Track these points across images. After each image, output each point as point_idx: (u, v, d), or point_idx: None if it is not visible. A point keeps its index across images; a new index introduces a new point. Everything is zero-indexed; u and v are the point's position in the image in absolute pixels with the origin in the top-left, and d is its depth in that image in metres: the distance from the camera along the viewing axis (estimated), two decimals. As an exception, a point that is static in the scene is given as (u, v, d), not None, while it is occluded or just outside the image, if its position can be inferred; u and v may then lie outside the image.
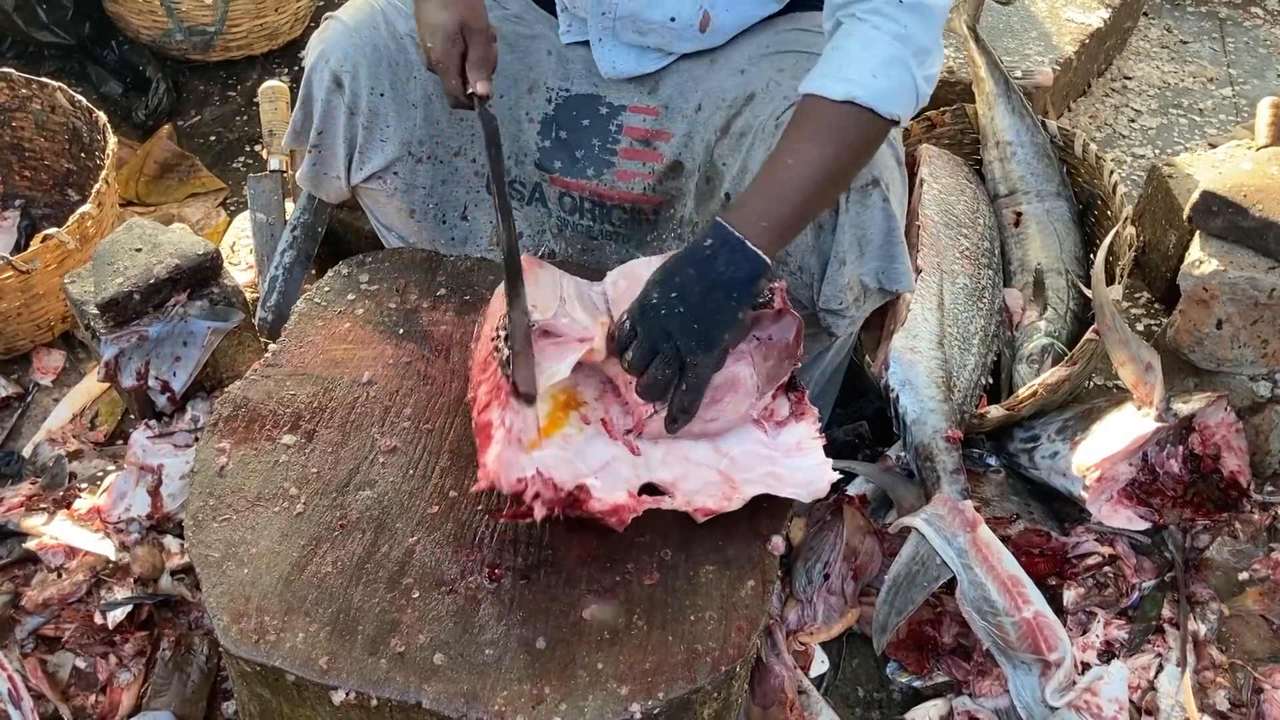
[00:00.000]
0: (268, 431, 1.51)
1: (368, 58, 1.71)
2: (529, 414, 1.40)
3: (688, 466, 1.44)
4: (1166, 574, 1.77)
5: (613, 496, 1.35)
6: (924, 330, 1.89)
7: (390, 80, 1.73)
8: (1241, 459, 1.85)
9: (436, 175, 1.81)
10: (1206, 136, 2.80)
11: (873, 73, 1.43)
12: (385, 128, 1.75)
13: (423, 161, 1.79)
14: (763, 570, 1.38)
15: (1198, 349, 1.95)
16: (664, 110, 1.76)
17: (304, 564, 1.36)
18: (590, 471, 1.39)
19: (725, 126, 1.71)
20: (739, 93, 1.71)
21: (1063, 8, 2.85)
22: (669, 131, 1.76)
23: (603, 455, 1.42)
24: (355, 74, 1.71)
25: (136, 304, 1.76)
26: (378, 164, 1.78)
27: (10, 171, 2.44)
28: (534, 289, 1.50)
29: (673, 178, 1.78)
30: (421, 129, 1.77)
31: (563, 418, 1.45)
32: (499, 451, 1.33)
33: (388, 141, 1.76)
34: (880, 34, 1.44)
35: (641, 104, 1.77)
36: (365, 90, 1.72)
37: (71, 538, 1.72)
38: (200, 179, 2.61)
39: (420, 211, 1.83)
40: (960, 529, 1.63)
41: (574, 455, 1.40)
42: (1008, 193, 2.25)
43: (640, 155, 1.78)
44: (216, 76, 2.92)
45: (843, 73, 1.43)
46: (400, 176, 1.79)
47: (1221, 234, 1.91)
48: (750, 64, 1.72)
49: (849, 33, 1.47)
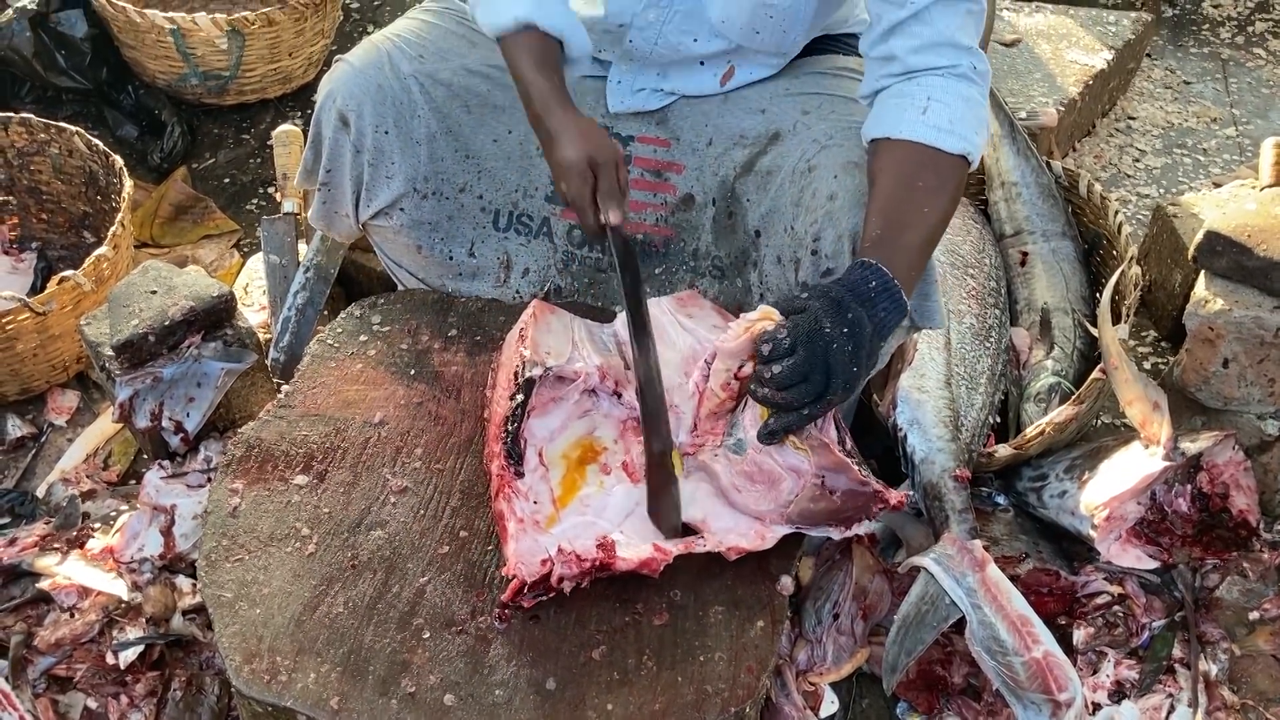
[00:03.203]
0: (280, 472, 1.52)
1: (372, 97, 1.75)
2: (543, 490, 1.41)
3: (715, 503, 1.45)
4: (1176, 613, 1.77)
5: (640, 550, 1.35)
6: (931, 370, 1.90)
7: (394, 118, 1.76)
8: (1250, 497, 1.85)
9: (442, 211, 1.84)
10: (1211, 176, 2.82)
11: (976, 130, 1.54)
12: (390, 164, 1.79)
13: (428, 198, 1.82)
14: (772, 610, 1.39)
15: (1204, 388, 1.95)
16: (675, 142, 1.81)
17: (315, 604, 1.37)
18: (614, 525, 1.39)
19: (749, 164, 1.76)
20: (761, 131, 1.76)
21: (1066, 49, 2.88)
22: (680, 164, 1.80)
23: (626, 504, 1.43)
24: (360, 113, 1.75)
25: (151, 346, 1.78)
26: (384, 200, 1.81)
27: (28, 214, 2.48)
28: (545, 335, 1.51)
29: (684, 210, 1.81)
30: (426, 166, 1.80)
31: (578, 478, 1.45)
32: (515, 546, 1.34)
33: (393, 178, 1.80)
34: (976, 94, 1.55)
35: (651, 134, 1.82)
36: (370, 128, 1.76)
37: (84, 578, 1.73)
38: (214, 221, 2.64)
39: (427, 247, 1.86)
40: (969, 568, 1.63)
41: (594, 515, 1.41)
42: (1013, 233, 2.27)
43: (651, 186, 1.82)
44: (231, 120, 2.96)
45: (956, 128, 1.52)
46: (406, 213, 1.82)
47: (1226, 274, 1.92)
48: (771, 104, 1.78)
49: (947, 89, 1.54)
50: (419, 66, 1.78)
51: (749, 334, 1.35)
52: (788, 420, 1.36)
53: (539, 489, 1.42)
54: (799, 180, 1.68)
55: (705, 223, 1.80)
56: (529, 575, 1.31)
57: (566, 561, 1.32)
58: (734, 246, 1.78)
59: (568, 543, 1.34)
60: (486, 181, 1.83)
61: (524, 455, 1.43)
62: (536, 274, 1.88)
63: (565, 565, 1.32)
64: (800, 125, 1.73)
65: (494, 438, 1.46)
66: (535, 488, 1.41)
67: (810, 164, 1.67)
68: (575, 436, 1.49)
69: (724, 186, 1.78)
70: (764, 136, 1.76)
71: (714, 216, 1.79)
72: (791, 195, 1.69)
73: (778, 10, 1.64)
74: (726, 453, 1.44)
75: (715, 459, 1.45)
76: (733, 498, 1.44)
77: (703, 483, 1.47)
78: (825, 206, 1.62)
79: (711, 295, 1.80)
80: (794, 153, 1.71)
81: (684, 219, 1.82)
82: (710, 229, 1.80)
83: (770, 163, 1.74)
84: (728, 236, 1.79)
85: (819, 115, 1.73)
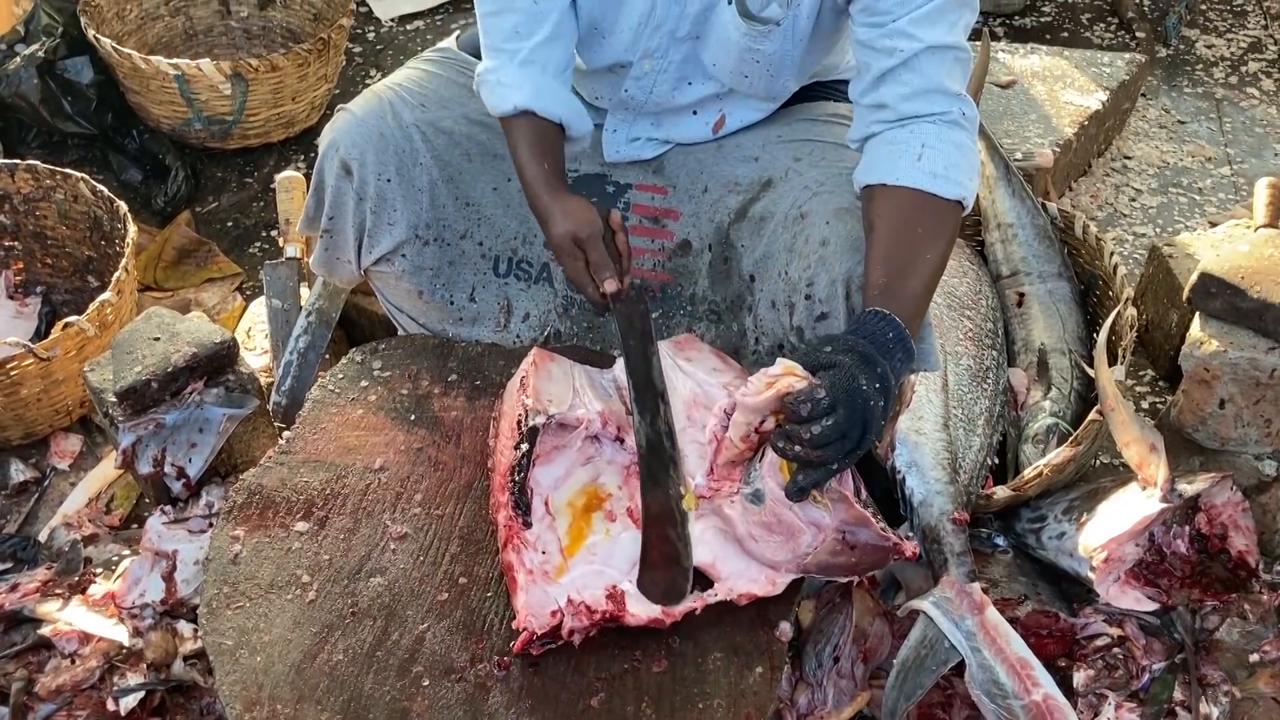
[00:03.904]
0: (281, 519, 1.53)
1: (374, 145, 1.77)
2: (550, 539, 1.42)
3: (724, 545, 1.45)
4: (1177, 655, 1.77)
5: (649, 607, 1.36)
6: (929, 412, 1.91)
7: (396, 166, 1.79)
8: (1249, 538, 1.85)
9: (443, 257, 1.86)
10: (1206, 215, 2.84)
11: (969, 175, 1.57)
12: (393, 211, 1.81)
13: (429, 244, 1.84)
14: (770, 656, 1.39)
15: (1201, 428, 1.96)
16: (671, 189, 1.84)
17: (316, 652, 1.37)
18: (623, 573, 1.40)
19: (742, 210, 1.79)
20: (755, 178, 1.79)
21: (1061, 90, 2.91)
22: (677, 210, 1.83)
23: (633, 551, 1.43)
24: (363, 161, 1.77)
25: (154, 392, 1.79)
26: (386, 247, 1.83)
27: (33, 259, 2.50)
28: (547, 383, 1.53)
29: (681, 255, 1.83)
30: (428, 213, 1.82)
31: (585, 526, 1.45)
32: (525, 598, 1.35)
33: (395, 225, 1.82)
34: (966, 140, 1.58)
35: (648, 182, 1.84)
36: (373, 176, 1.78)
37: (86, 624, 1.73)
38: (217, 264, 2.67)
39: (428, 292, 1.87)
40: (968, 612, 1.63)
41: (602, 563, 1.41)
42: (1010, 274, 2.29)
43: (650, 232, 1.84)
44: (234, 163, 2.99)
45: (951, 174, 1.55)
46: (408, 259, 1.84)
47: (1221, 315, 1.93)
48: (763, 151, 1.81)
49: (939, 135, 1.56)
50: (421, 115, 1.81)
51: (774, 391, 1.34)
52: (817, 477, 1.35)
53: (546, 538, 1.42)
54: (791, 226, 1.71)
55: (702, 267, 1.83)
56: (539, 627, 1.32)
57: (577, 613, 1.33)
58: (729, 291, 1.80)
59: (576, 593, 1.35)
60: (487, 228, 1.86)
61: (531, 505, 1.44)
62: (537, 319, 1.90)
63: (575, 616, 1.33)
64: (792, 172, 1.76)
65: (500, 488, 1.47)
66: (543, 537, 1.42)
67: (802, 210, 1.70)
68: (580, 484, 1.50)
69: (719, 232, 1.80)
70: (757, 183, 1.78)
71: (710, 261, 1.82)
72: (785, 241, 1.71)
73: (764, 56, 1.67)
74: (744, 501, 1.44)
75: (731, 506, 1.45)
76: (749, 546, 1.45)
77: (710, 526, 1.47)
78: (818, 252, 1.65)
79: (709, 339, 1.81)
80: (786, 199, 1.74)
81: (681, 264, 1.84)
82: (707, 274, 1.82)
83: (763, 209, 1.76)
84: (723, 281, 1.81)
85: (810, 162, 1.76)
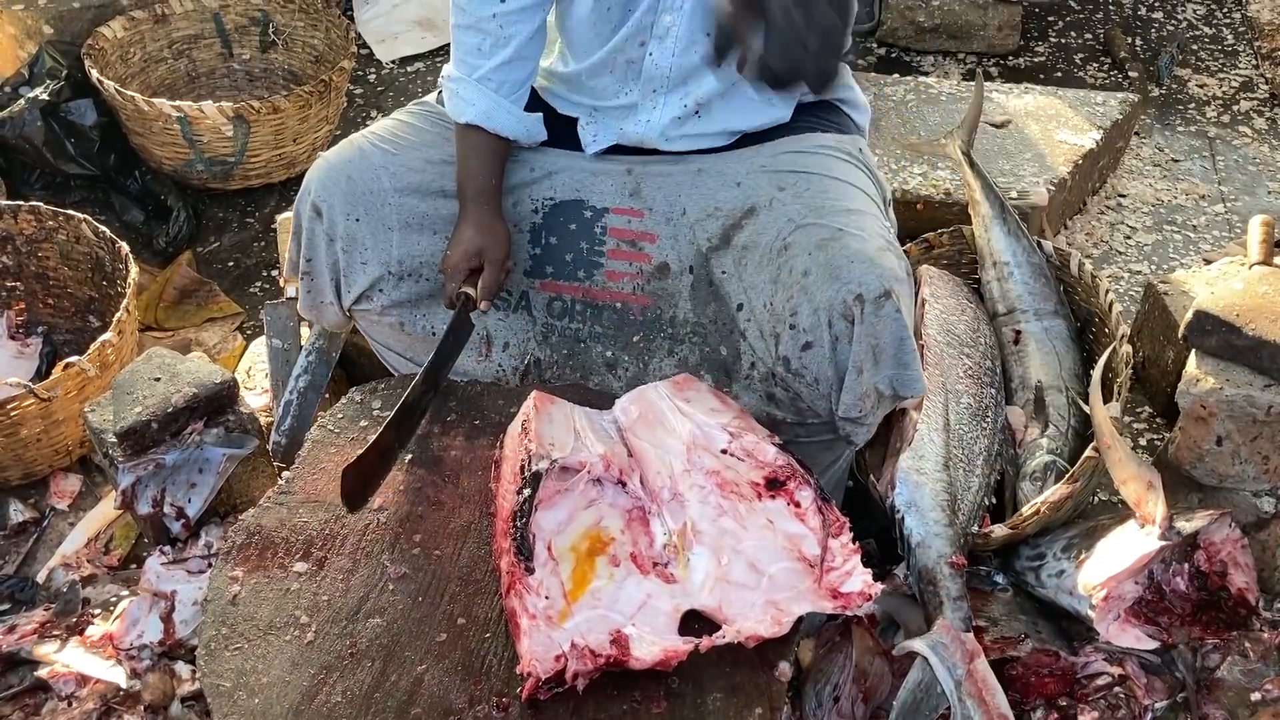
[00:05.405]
0: (280, 559, 1.53)
1: (342, 188, 1.84)
2: (554, 584, 1.42)
3: (729, 589, 1.45)
4: (1179, 694, 1.76)
5: (652, 649, 1.35)
6: (930, 451, 1.91)
7: (365, 206, 1.84)
8: (1249, 575, 1.84)
9: (419, 290, 1.90)
10: (1201, 252, 2.86)
11: None
12: (364, 250, 1.86)
13: (404, 279, 1.89)
14: (770, 697, 1.38)
15: (1199, 465, 1.96)
16: (648, 213, 1.87)
17: (314, 694, 1.37)
18: (627, 617, 1.40)
19: (725, 236, 1.81)
20: (737, 205, 1.82)
21: (1056, 130, 2.94)
22: (654, 234, 1.86)
23: (638, 595, 1.43)
24: (330, 203, 1.85)
25: (154, 433, 1.80)
26: (362, 284, 1.88)
27: (35, 299, 2.51)
28: (548, 427, 1.53)
29: (660, 278, 1.86)
30: (399, 249, 1.87)
31: (589, 570, 1.45)
32: (529, 643, 1.35)
33: (368, 264, 1.87)
34: None
35: (624, 205, 1.88)
36: (341, 217, 1.85)
37: (83, 665, 1.73)
38: (218, 304, 2.68)
39: (409, 323, 1.92)
40: (961, 660, 1.62)
41: (607, 608, 1.41)
42: (1006, 311, 2.30)
43: (627, 255, 1.87)
44: (235, 204, 3.01)
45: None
46: (385, 294, 1.89)
47: (1216, 352, 1.94)
48: (747, 178, 1.84)
49: None
50: (390, 159, 1.87)
51: None
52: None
53: (550, 583, 1.42)
54: (775, 259, 1.75)
55: (683, 290, 1.85)
56: (544, 672, 1.32)
57: (581, 657, 1.33)
58: (717, 314, 1.82)
59: (580, 637, 1.34)
60: None
61: (534, 550, 1.44)
62: (516, 347, 1.92)
63: (580, 661, 1.32)
64: (776, 202, 1.79)
65: (502, 533, 1.47)
66: (546, 582, 1.42)
67: (785, 243, 1.74)
68: (583, 528, 1.49)
69: (699, 255, 1.83)
70: (739, 210, 1.81)
71: (692, 284, 1.84)
72: (769, 273, 1.75)
73: None
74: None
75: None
76: (746, 547, 1.48)
77: (712, 567, 1.47)
78: (800, 283, 1.70)
79: (694, 361, 1.83)
80: (769, 230, 1.77)
81: (660, 287, 1.86)
82: (689, 296, 1.84)
83: (747, 239, 1.79)
84: (707, 304, 1.83)
85: (794, 193, 1.79)
